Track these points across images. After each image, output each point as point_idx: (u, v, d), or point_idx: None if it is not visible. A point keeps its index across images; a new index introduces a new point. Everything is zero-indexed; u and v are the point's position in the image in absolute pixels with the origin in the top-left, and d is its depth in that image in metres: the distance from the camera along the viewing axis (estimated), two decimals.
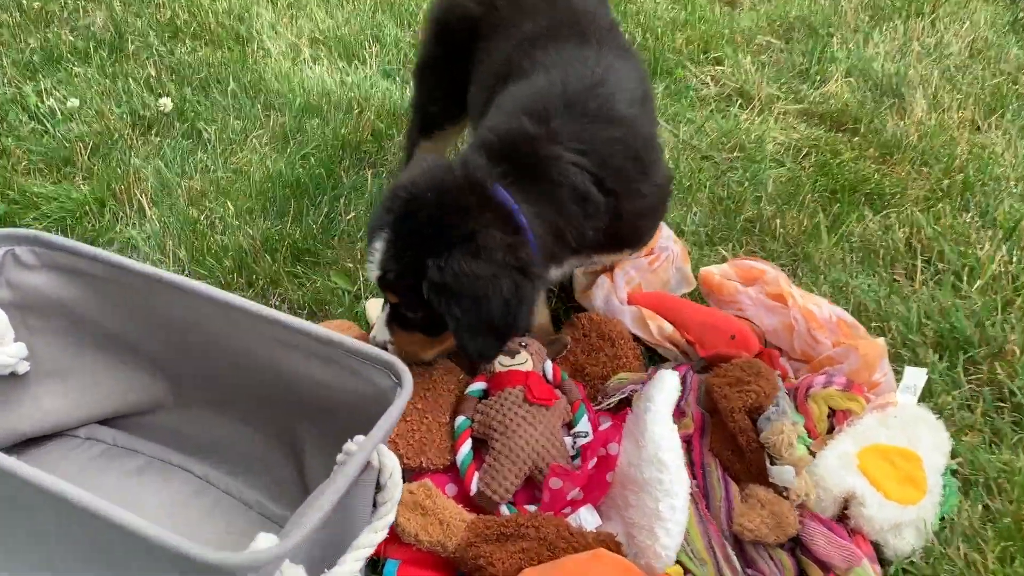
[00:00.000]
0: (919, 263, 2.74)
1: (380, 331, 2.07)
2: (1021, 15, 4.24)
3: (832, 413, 2.15)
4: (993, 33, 4.03)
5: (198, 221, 2.70)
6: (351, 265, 2.61)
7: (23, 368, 2.00)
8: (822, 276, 2.66)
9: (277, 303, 2.51)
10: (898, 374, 2.27)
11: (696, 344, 2.21)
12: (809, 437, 2.08)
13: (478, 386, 2.14)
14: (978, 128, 3.41)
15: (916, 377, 2.24)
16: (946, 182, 3.06)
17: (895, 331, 2.49)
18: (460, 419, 2.07)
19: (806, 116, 3.49)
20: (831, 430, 2.14)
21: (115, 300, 1.96)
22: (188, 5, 3.74)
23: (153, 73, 3.36)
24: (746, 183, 3.04)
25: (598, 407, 2.17)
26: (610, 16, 2.48)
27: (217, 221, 2.71)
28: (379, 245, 1.93)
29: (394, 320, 2.05)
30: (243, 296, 2.43)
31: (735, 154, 3.23)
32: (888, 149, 3.25)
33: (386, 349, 1.95)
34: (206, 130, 3.07)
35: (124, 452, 2.06)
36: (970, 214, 2.93)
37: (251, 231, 2.64)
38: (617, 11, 4.06)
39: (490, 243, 1.83)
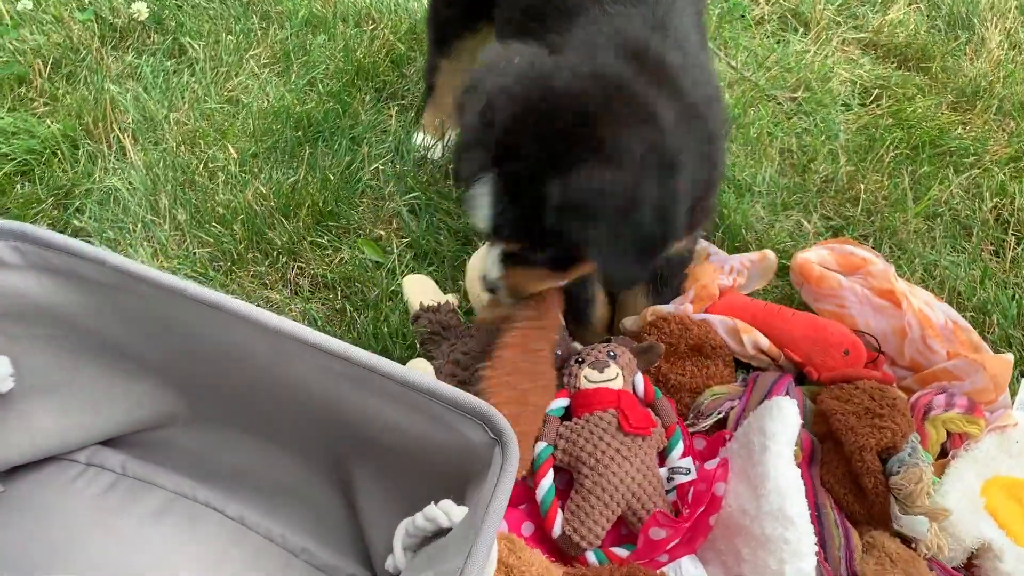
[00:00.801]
0: (1010, 238, 2.47)
1: (493, 269, 1.69)
2: None
3: (948, 435, 1.92)
4: None
5: (195, 170, 2.25)
6: (381, 231, 2.22)
7: (6, 386, 1.61)
8: (911, 256, 2.38)
9: (297, 279, 2.12)
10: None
11: (806, 365, 1.92)
12: None
13: (560, 403, 1.83)
14: None
15: None
16: None
17: (995, 325, 2.25)
18: (540, 445, 1.76)
19: (871, 48, 3.11)
20: (943, 454, 1.91)
21: (123, 310, 1.56)
22: None
23: None
24: (816, 131, 2.69)
25: (693, 429, 1.89)
26: None
27: (219, 171, 2.26)
28: (484, 189, 1.50)
29: (510, 257, 1.67)
30: (257, 269, 2.07)
31: (800, 93, 2.86)
32: (965, 95, 2.92)
33: (493, 292, 1.71)
34: (192, 46, 2.56)
35: (139, 485, 1.71)
36: None
37: (261, 186, 2.21)
38: None
39: (625, 142, 1.45)
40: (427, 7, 2.32)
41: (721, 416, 1.89)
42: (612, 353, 1.86)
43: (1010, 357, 1.95)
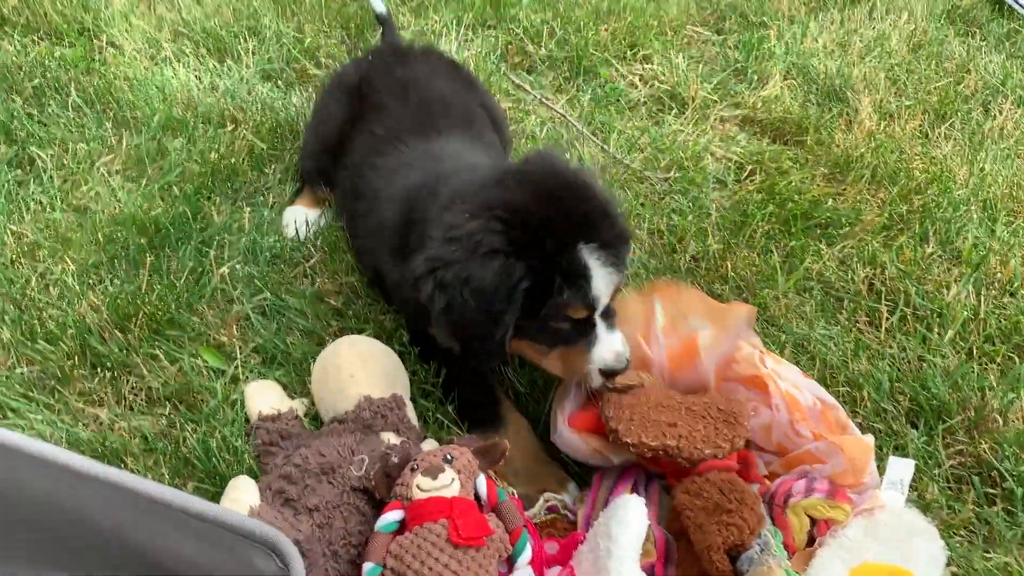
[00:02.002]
0: (883, 308, 2.43)
1: (596, 378, 1.92)
2: (953, 4, 3.98)
3: (813, 522, 1.83)
4: (931, 25, 3.76)
5: (27, 285, 2.14)
6: (225, 338, 2.12)
7: None
8: (782, 331, 2.33)
9: (131, 394, 2.00)
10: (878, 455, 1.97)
11: (668, 473, 1.83)
12: (786, 551, 1.74)
13: (391, 517, 1.70)
14: (926, 136, 3.13)
15: (902, 470, 1.92)
16: (904, 208, 2.76)
17: (866, 398, 2.19)
18: (368, 566, 1.63)
19: (746, 123, 3.14)
20: (810, 541, 1.81)
21: None
22: None
23: None
24: (687, 212, 2.67)
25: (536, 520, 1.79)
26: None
27: (52, 285, 2.15)
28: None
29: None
30: (86, 386, 1.95)
31: (672, 173, 2.85)
32: (838, 166, 2.93)
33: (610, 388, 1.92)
34: (40, 156, 2.48)
35: None
36: (931, 247, 2.64)
37: (96, 298, 2.11)
38: None
39: None
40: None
41: (551, 515, 1.80)
42: (448, 456, 1.75)
43: (870, 439, 1.88)
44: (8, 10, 2.98)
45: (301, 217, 2.45)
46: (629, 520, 1.62)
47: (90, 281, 2.17)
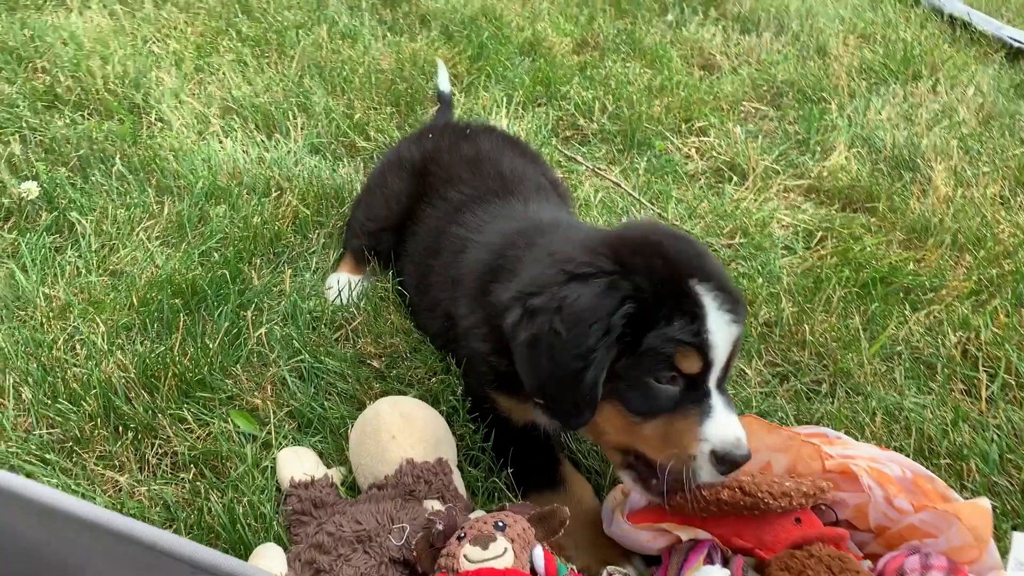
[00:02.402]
0: (982, 375, 2.19)
1: (705, 466, 1.56)
2: (1022, 79, 3.85)
3: None
4: (1000, 98, 3.61)
5: (53, 345, 2.01)
6: (259, 400, 1.96)
7: None
8: (867, 398, 2.09)
9: (155, 458, 1.83)
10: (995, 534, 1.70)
11: (755, 547, 1.58)
12: None
13: None
14: (1007, 202, 2.92)
15: None
16: (993, 271, 2.54)
17: (974, 471, 1.93)
18: None
19: (812, 193, 2.97)
20: None
21: None
22: (73, 70, 3.09)
23: (18, 151, 2.68)
24: (756, 276, 2.48)
25: None
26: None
27: (79, 345, 2.03)
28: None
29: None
30: (107, 449, 1.79)
31: (737, 239, 2.68)
32: (915, 232, 2.74)
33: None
34: (80, 221, 2.41)
35: None
36: None
37: (124, 358, 1.97)
38: (583, 77, 3.55)
39: None
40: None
41: None
42: (500, 524, 1.54)
43: (986, 502, 1.61)
44: (62, 89, 2.99)
45: (344, 280, 2.33)
46: None
47: (120, 342, 2.04)
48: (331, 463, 1.88)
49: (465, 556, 1.49)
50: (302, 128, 2.99)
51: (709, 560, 1.58)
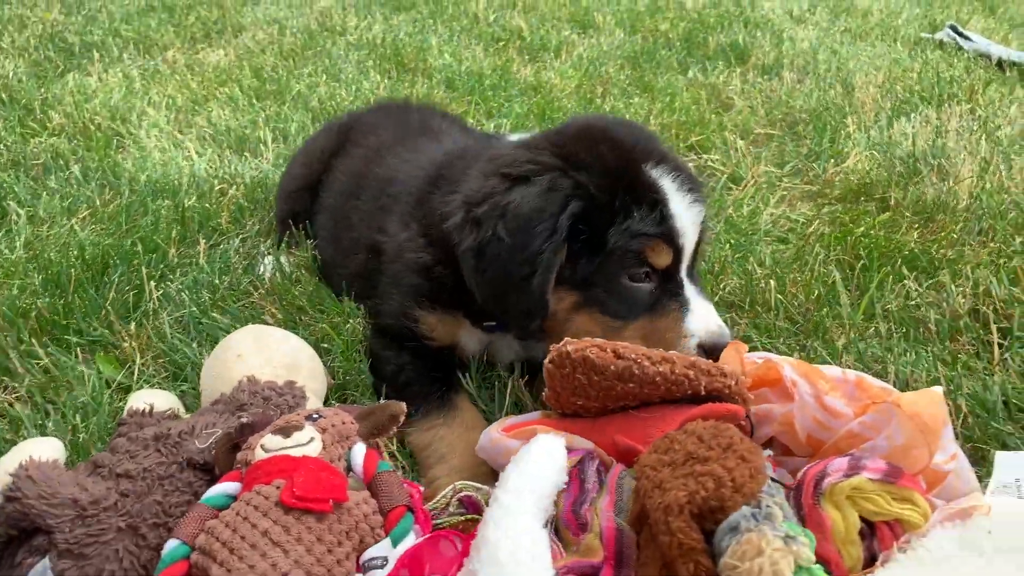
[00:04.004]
0: (994, 336, 1.79)
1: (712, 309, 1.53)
2: None
3: (871, 529, 1.16)
4: None
5: None
6: (130, 344, 1.77)
7: None
8: (843, 349, 1.74)
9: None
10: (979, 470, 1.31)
11: (642, 446, 1.24)
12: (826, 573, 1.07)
13: (221, 489, 1.20)
14: None
15: (1017, 466, 1.25)
16: (1019, 240, 2.16)
17: (970, 417, 1.53)
18: (170, 545, 1.13)
19: (819, 197, 2.65)
20: (870, 563, 1.14)
21: None
22: (70, 111, 3.16)
23: None
24: (725, 244, 2.20)
25: (436, 522, 1.21)
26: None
27: None
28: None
29: None
30: None
31: (720, 227, 2.39)
32: (929, 214, 2.39)
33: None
34: (17, 211, 2.36)
35: None
36: None
37: None
38: (584, 111, 3.41)
39: None
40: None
41: (468, 515, 1.22)
42: (315, 416, 1.27)
43: (938, 390, 1.23)
44: (53, 125, 3.05)
45: (270, 260, 2.17)
46: (530, 459, 1.06)
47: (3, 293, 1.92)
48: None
49: (262, 446, 1.22)
50: (272, 150, 2.92)
51: (581, 471, 1.24)
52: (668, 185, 1.50)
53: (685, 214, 1.50)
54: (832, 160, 2.89)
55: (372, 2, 5.16)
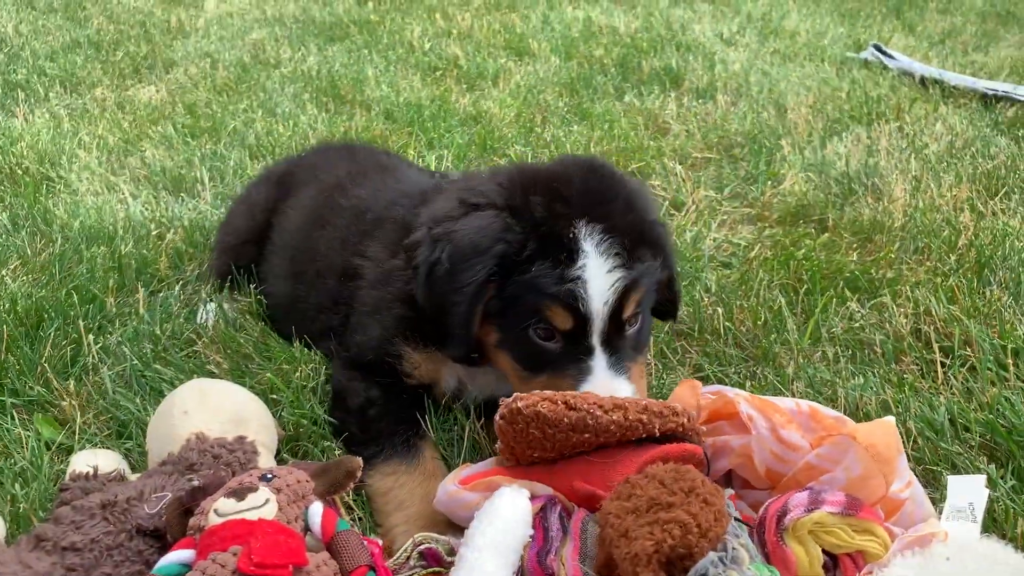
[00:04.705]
0: (936, 355, 1.84)
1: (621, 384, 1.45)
2: (1000, 117, 3.61)
3: (834, 562, 1.18)
4: (973, 130, 3.37)
5: None
6: (69, 403, 1.70)
7: None
8: (793, 376, 1.76)
9: None
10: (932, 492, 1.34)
11: (604, 491, 1.23)
12: None
13: (174, 558, 1.16)
14: (973, 208, 2.62)
15: (970, 491, 1.27)
16: (953, 258, 2.23)
17: (919, 439, 1.56)
18: None
19: (758, 221, 2.70)
20: None
21: None
22: None
23: None
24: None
25: None
26: None
27: None
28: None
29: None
30: None
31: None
32: (866, 234, 2.45)
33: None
34: None
35: None
36: (993, 289, 2.07)
37: None
38: (526, 141, 3.41)
39: None
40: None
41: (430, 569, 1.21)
42: (268, 476, 1.23)
43: (890, 419, 1.26)
44: None
45: (212, 307, 2.12)
46: (496, 510, 1.05)
47: None
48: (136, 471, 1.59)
49: (215, 510, 1.18)
50: (211, 189, 2.87)
51: (544, 519, 1.23)
52: (589, 247, 1.45)
53: (598, 279, 1.44)
54: (769, 183, 2.94)
55: (305, 33, 5.10)
